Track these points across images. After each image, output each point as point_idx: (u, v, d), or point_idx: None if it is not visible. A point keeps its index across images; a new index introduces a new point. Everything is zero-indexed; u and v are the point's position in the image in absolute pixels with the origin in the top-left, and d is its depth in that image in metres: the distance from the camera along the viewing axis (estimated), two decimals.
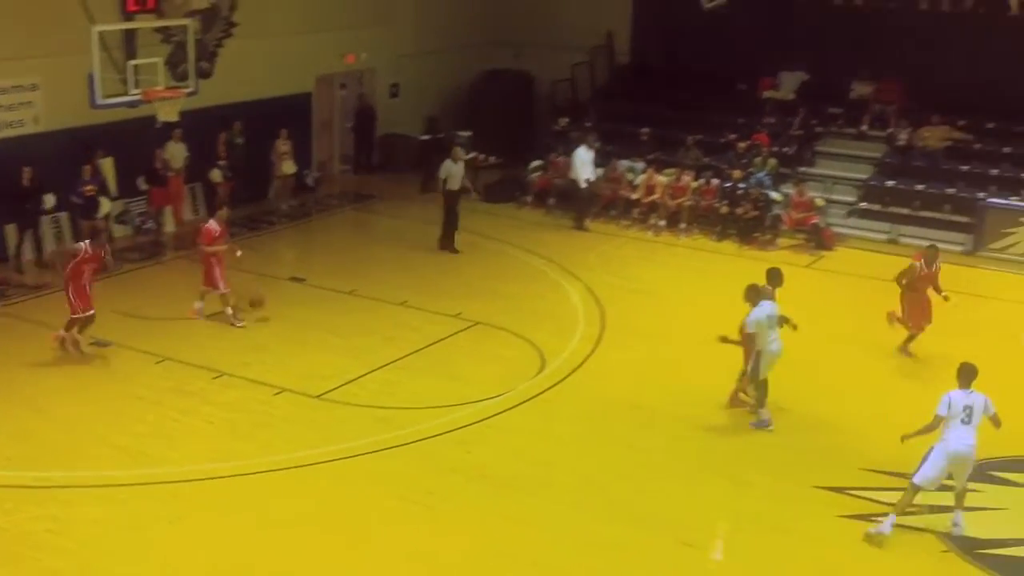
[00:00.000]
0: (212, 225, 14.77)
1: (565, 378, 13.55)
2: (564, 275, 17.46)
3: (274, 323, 14.77)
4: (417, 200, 21.67)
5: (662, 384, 13.44)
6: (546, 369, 13.76)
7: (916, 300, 14.12)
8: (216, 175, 19.18)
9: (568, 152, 20.94)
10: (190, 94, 16.54)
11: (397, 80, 24.01)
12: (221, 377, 13.06)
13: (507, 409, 12.62)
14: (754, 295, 12.09)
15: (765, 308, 12.01)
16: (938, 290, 14.17)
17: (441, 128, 23.32)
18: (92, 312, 13.45)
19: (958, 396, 10.14)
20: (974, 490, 10.55)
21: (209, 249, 14.61)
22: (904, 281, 14.13)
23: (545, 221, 20.58)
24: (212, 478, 10.81)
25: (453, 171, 18.33)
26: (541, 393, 13.11)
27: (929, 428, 10.23)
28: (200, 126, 18.46)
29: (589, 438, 12.04)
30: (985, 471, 11.24)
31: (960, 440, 10.01)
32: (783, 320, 12.25)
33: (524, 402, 12.82)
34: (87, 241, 13.67)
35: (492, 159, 22.45)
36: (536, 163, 21.88)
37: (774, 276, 12.71)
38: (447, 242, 18.37)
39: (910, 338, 14.27)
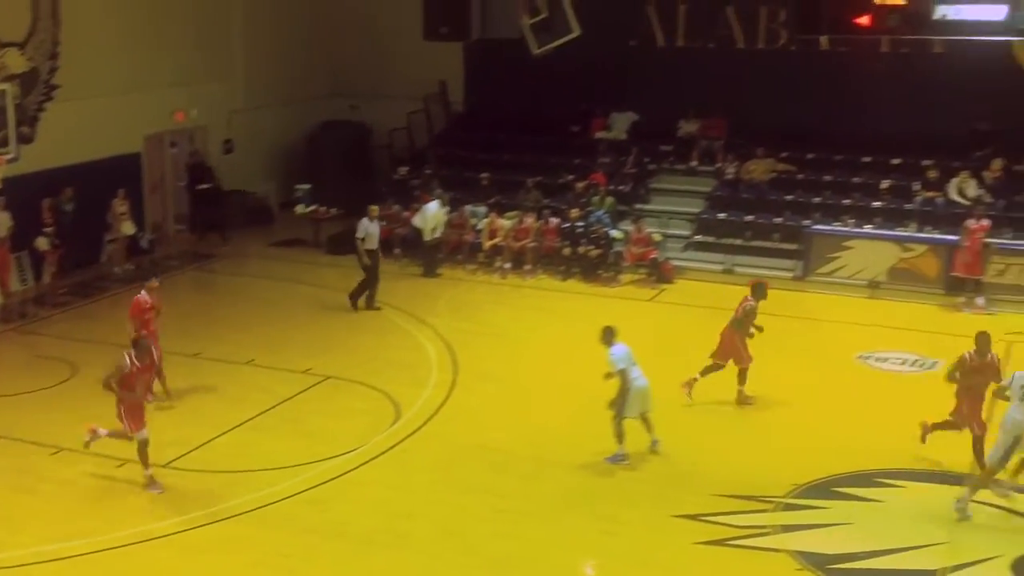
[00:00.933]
0: (143, 296, 13.93)
1: (420, 427, 13.47)
2: (415, 323, 17.42)
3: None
4: (257, 257, 21.32)
5: (516, 425, 13.50)
6: (401, 419, 13.65)
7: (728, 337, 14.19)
8: (42, 243, 18.39)
9: (405, 203, 21.21)
10: (11, 160, 15.87)
11: (230, 136, 23.64)
12: (59, 452, 12.46)
13: (363, 463, 12.45)
14: (609, 336, 12.31)
15: (622, 347, 12.27)
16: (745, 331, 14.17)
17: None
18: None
19: (1020, 375, 11.11)
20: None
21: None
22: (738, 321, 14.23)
23: (392, 270, 20.51)
24: (59, 559, 10.27)
25: (371, 230, 18.20)
26: (397, 444, 12.99)
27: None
28: (24, 192, 17.72)
29: (446, 486, 11.97)
30: (829, 488, 11.71)
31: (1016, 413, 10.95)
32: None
33: (380, 455, 12.68)
34: (130, 352, 11.95)
35: (333, 211, 22.30)
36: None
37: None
38: (371, 300, 18.12)
39: (741, 373, 14.16)
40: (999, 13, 12.92)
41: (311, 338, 16.72)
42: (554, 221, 20.49)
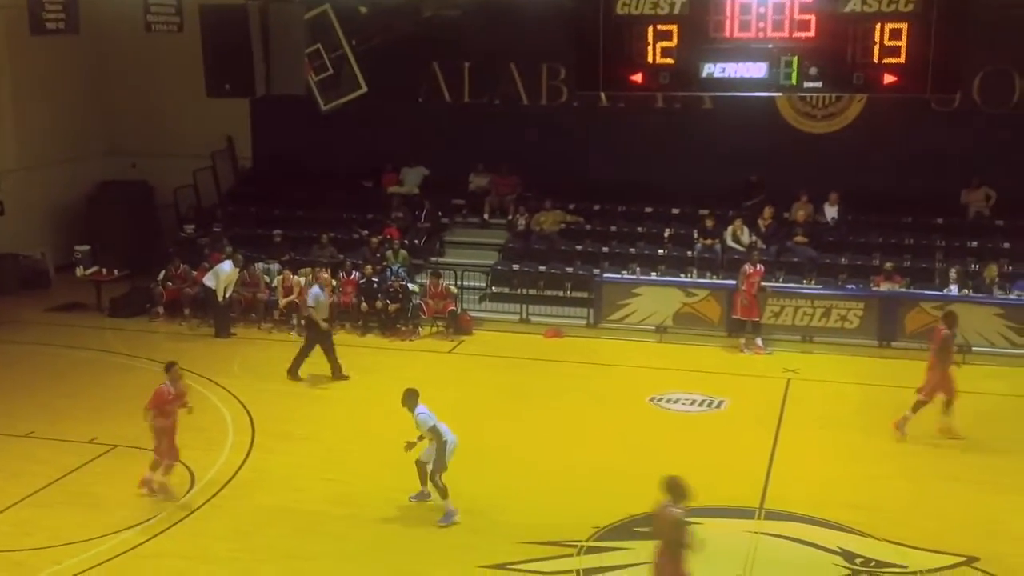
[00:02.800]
0: (166, 387, 12.84)
1: (218, 492, 13.00)
2: (208, 385, 16.82)
3: None
4: (33, 323, 20.17)
5: (322, 484, 13.24)
6: (196, 486, 13.14)
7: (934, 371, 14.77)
8: None
9: (194, 263, 20.65)
10: None
11: (0, 198, 22.35)
12: None
13: (157, 534, 11.89)
14: (412, 399, 12.28)
15: (424, 408, 12.25)
16: None
17: None
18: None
19: None
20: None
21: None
22: None
23: (182, 332, 19.82)
24: None
25: (322, 299, 17.48)
26: (193, 512, 12.48)
27: None
28: None
29: (248, 553, 11.58)
30: (629, 529, 12.02)
31: None
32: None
33: (175, 524, 12.15)
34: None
35: (116, 272, 21.37)
36: (163, 273, 21.11)
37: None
38: (337, 370, 17.30)
39: (947, 404, 14.65)
40: (760, 71, 13.80)
41: (96, 405, 15.90)
42: (356, 275, 20.36)
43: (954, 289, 19.07)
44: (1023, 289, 18.80)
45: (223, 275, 19.63)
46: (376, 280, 20.20)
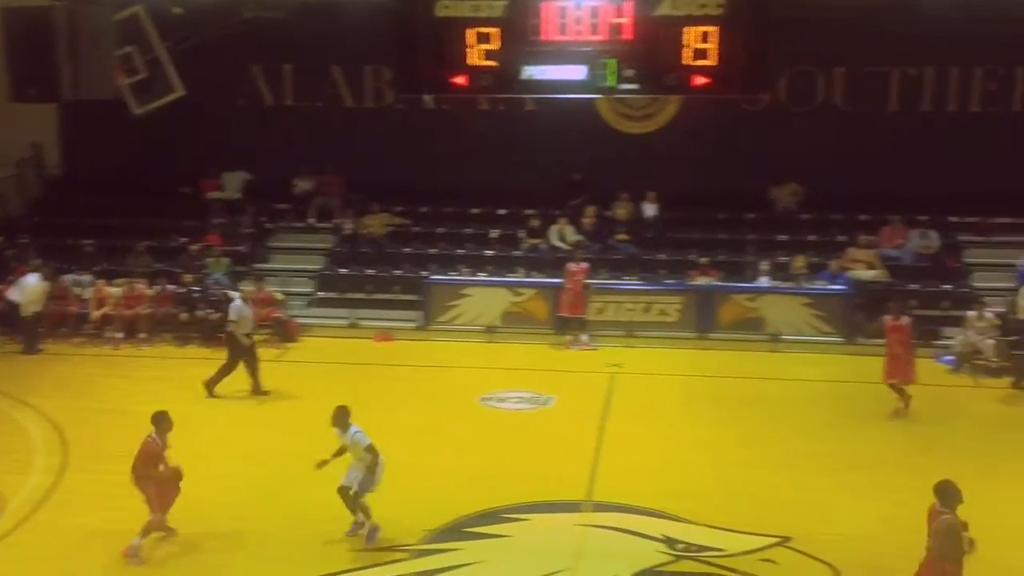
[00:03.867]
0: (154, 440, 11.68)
1: (28, 517, 12.35)
2: (15, 405, 15.98)
3: None
4: None
5: (139, 505, 12.71)
6: (4, 511, 12.45)
7: None
8: None
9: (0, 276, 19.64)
10: None
11: None
12: None
13: None
14: (344, 417, 11.81)
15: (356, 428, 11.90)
16: None
17: None
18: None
19: None
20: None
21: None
22: None
23: None
24: None
25: (245, 312, 16.59)
26: (3, 538, 11.82)
27: None
28: None
29: None
30: (459, 530, 12.05)
31: None
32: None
33: None
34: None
35: None
36: None
37: None
38: (257, 387, 16.45)
39: None
40: (580, 73, 14.09)
41: None
42: (171, 288, 19.70)
43: (764, 281, 19.92)
44: (828, 279, 19.79)
45: (29, 289, 18.69)
46: (197, 289, 19.62)
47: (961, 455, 14.26)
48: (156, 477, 11.55)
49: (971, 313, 18.23)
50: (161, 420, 11.70)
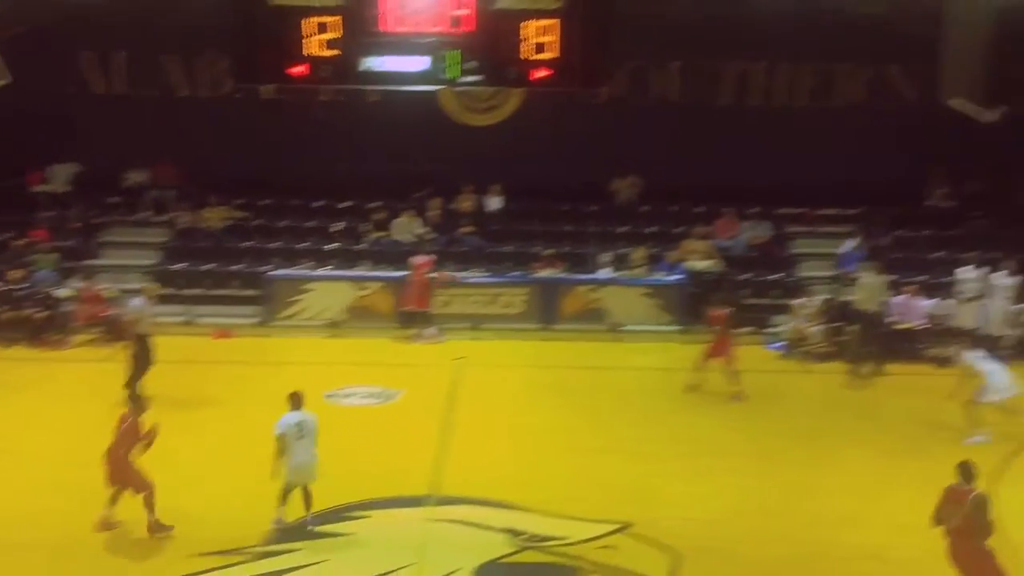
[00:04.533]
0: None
1: None
2: None
3: None
4: None
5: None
6: None
7: None
8: None
9: None
10: None
11: None
12: None
13: None
14: (295, 402, 11.98)
15: (294, 416, 11.83)
16: None
17: None
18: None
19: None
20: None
21: None
22: None
23: None
24: None
25: (145, 310, 15.61)
26: None
27: None
28: None
29: None
30: (302, 529, 11.85)
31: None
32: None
33: None
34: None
35: None
36: None
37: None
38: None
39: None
40: (423, 64, 14.00)
41: None
42: None
43: (606, 272, 20.30)
44: (667, 270, 20.31)
45: None
46: (24, 287, 18.70)
47: (795, 438, 14.90)
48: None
49: (799, 301, 19.02)
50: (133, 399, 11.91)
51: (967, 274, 18.62)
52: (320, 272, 20.39)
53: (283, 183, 21.82)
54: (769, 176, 21.19)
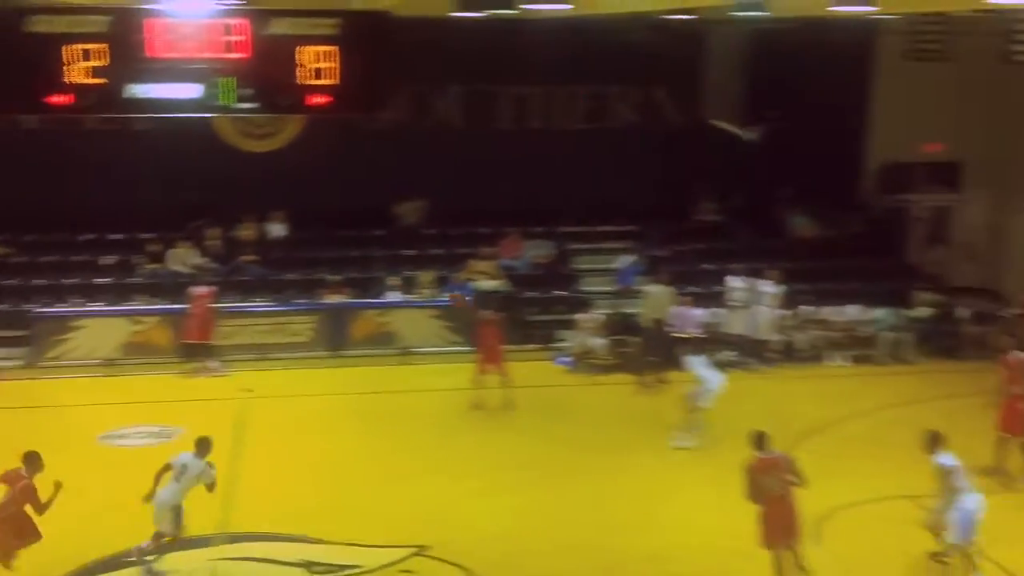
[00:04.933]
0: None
1: None
2: None
3: None
4: None
5: None
6: None
7: None
8: None
9: None
10: None
11: None
12: None
13: None
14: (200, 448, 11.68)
15: (187, 456, 11.68)
16: None
17: None
18: None
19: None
20: None
21: None
22: None
23: None
24: None
25: None
26: None
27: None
28: None
29: None
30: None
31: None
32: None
33: None
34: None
35: None
36: None
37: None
38: None
39: None
40: (195, 92, 13.63)
41: None
42: None
43: (395, 296, 20.27)
44: (455, 291, 20.45)
45: None
46: None
47: (584, 449, 15.28)
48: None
49: (583, 315, 19.56)
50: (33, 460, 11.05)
51: (735, 283, 19.64)
52: (91, 308, 19.41)
53: (47, 217, 20.62)
54: (550, 196, 21.76)
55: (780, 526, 10.85)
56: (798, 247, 22.00)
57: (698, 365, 15.54)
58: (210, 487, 11.66)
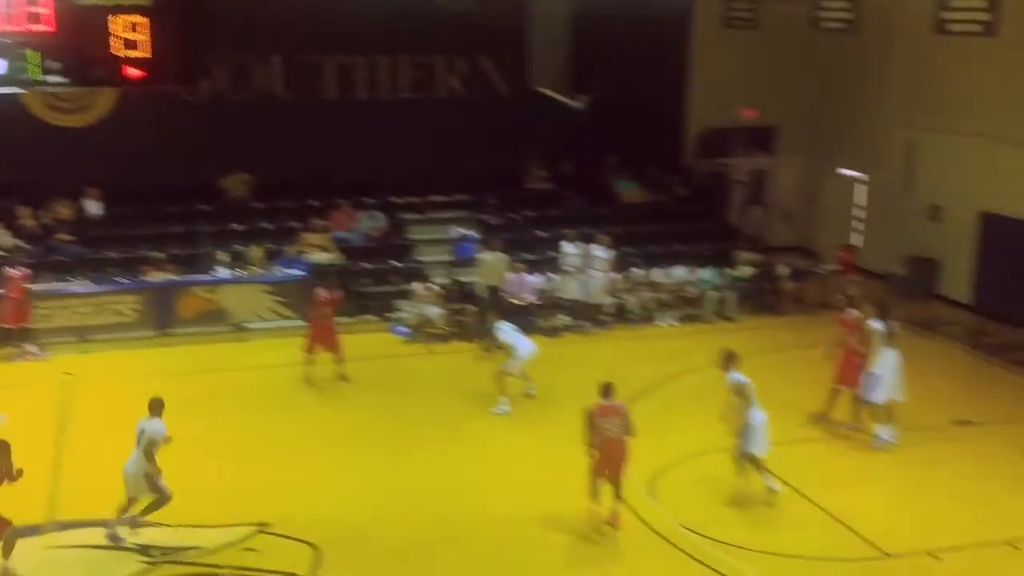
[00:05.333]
0: None
1: None
2: None
3: None
4: None
5: None
6: None
7: None
8: None
9: None
10: None
11: None
12: None
13: None
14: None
15: (143, 421, 11.82)
16: None
17: None
18: None
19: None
20: None
21: None
22: None
23: None
24: None
25: None
26: None
27: None
28: None
29: None
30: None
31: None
32: None
33: None
34: None
35: None
36: None
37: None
38: None
39: None
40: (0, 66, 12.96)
41: None
42: None
43: (223, 272, 19.72)
44: (285, 265, 20.06)
45: None
46: None
47: (425, 419, 15.31)
48: None
49: (418, 286, 19.51)
50: None
51: (569, 249, 19.97)
52: None
53: None
54: (381, 167, 21.59)
55: (610, 462, 11.62)
56: (626, 212, 22.54)
57: (508, 333, 15.68)
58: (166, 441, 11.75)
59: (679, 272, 20.50)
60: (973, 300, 20.66)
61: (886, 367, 14.03)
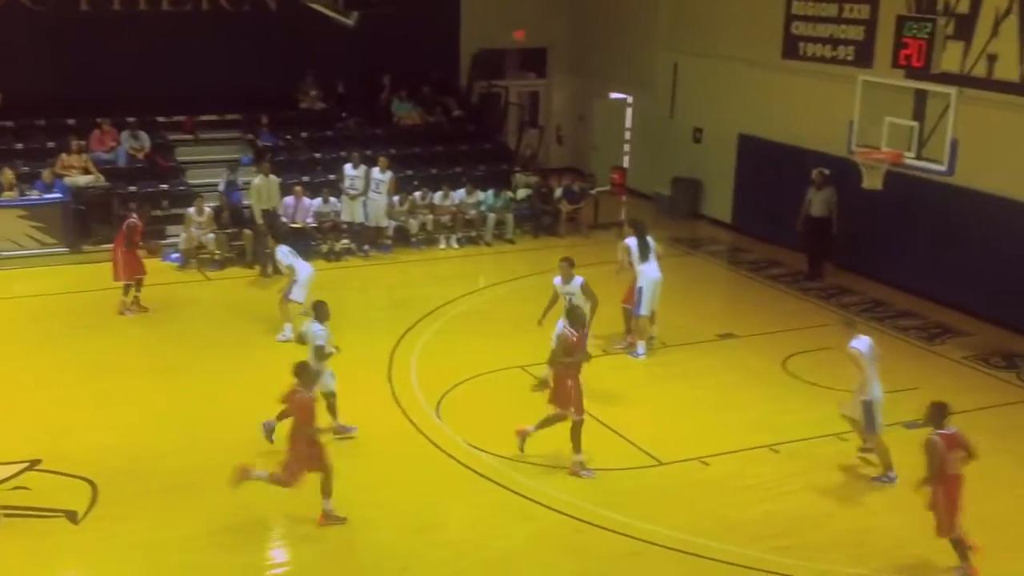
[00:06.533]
0: None
1: None
2: None
3: None
4: None
5: None
6: None
7: None
8: None
9: None
10: None
11: None
12: None
13: None
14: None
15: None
16: None
17: None
18: None
19: None
20: None
21: None
22: None
23: None
24: None
25: None
26: None
27: None
28: None
29: None
30: None
31: None
32: None
33: None
34: None
35: None
36: None
37: None
38: None
39: None
40: None
41: None
42: None
43: None
44: (42, 189, 18.77)
45: None
46: None
47: (200, 348, 14.86)
48: None
49: (191, 210, 18.69)
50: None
51: (349, 172, 19.58)
52: None
53: None
54: (143, 84, 20.44)
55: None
56: (403, 134, 22.34)
57: (286, 256, 15.27)
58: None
59: (458, 195, 20.57)
60: (733, 219, 21.80)
61: (644, 282, 14.56)
